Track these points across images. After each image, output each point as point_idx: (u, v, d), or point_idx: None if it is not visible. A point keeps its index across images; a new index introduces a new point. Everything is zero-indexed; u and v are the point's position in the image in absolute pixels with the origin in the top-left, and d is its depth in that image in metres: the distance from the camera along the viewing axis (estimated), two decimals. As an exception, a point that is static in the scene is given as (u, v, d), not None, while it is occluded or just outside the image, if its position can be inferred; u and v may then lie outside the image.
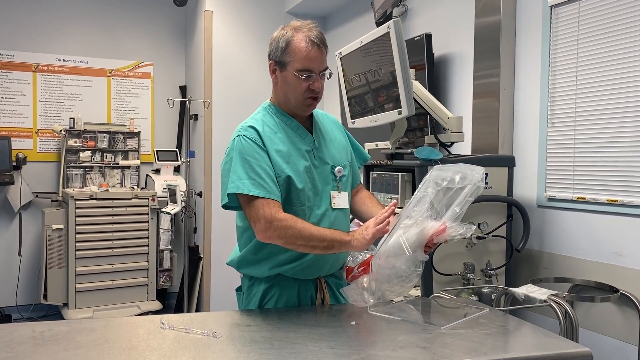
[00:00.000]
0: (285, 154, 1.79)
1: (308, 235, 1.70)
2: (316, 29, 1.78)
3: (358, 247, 1.75)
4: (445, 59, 3.22)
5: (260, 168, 1.73)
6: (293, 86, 1.78)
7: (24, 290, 4.92)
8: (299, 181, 1.77)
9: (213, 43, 4.69)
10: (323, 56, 1.78)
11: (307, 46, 1.74)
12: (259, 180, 1.72)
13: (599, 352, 2.25)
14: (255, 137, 1.77)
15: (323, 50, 1.77)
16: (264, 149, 1.76)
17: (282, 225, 1.69)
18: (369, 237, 1.74)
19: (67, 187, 4.81)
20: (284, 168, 1.76)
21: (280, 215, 1.70)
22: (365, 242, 1.74)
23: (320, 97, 1.83)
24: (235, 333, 1.56)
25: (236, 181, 1.73)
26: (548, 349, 1.46)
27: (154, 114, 5.42)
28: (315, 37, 1.75)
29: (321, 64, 1.77)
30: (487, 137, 2.80)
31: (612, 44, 2.26)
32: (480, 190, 1.69)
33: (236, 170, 1.74)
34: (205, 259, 4.73)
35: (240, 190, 1.72)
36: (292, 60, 1.75)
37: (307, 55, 1.74)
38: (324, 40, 1.79)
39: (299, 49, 1.74)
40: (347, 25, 4.55)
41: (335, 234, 1.74)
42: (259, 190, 1.71)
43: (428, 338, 1.49)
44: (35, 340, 1.46)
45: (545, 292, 2.02)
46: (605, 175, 2.29)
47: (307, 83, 1.76)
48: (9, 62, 4.89)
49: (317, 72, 1.77)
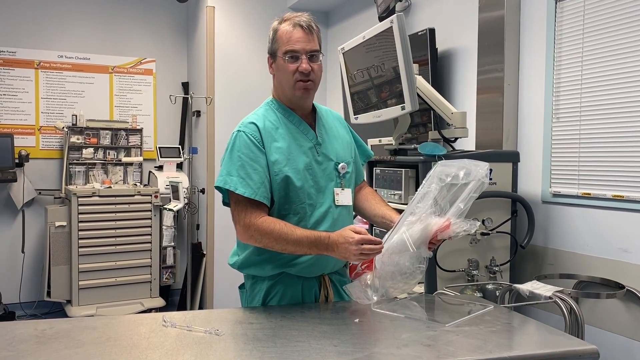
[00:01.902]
0: (286, 150, 1.77)
1: (284, 241, 1.67)
2: (305, 15, 1.78)
3: (339, 257, 1.67)
4: (449, 53, 3.20)
5: (251, 167, 1.72)
6: (283, 72, 1.77)
7: (28, 287, 4.92)
8: (297, 179, 1.76)
9: (215, 39, 4.67)
10: (308, 37, 1.76)
11: (290, 29, 1.75)
12: (247, 179, 1.71)
13: (605, 349, 2.24)
14: (255, 134, 1.76)
15: (308, 32, 1.75)
16: (261, 148, 1.75)
17: (258, 232, 1.69)
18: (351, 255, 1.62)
19: (70, 184, 4.81)
20: (282, 167, 1.75)
21: (257, 222, 1.70)
22: (346, 257, 1.65)
23: (313, 81, 1.78)
24: (238, 331, 1.54)
25: (224, 176, 1.74)
26: (553, 346, 1.44)
27: (157, 111, 5.41)
28: (300, 21, 1.75)
29: (306, 45, 1.75)
30: (492, 133, 2.78)
31: (617, 38, 2.23)
32: (485, 186, 1.68)
33: (227, 165, 1.75)
34: (208, 255, 4.73)
35: (227, 186, 1.72)
36: (279, 46, 1.77)
37: (289, 37, 1.74)
38: (311, 23, 1.77)
39: (283, 33, 1.76)
40: (350, 20, 4.53)
41: (313, 240, 1.66)
42: (244, 190, 1.70)
43: (432, 335, 1.47)
44: (37, 338, 1.45)
45: (550, 289, 2.00)
46: (611, 170, 2.27)
47: (294, 65, 1.75)
48: (11, 59, 4.88)
49: (302, 52, 1.74)
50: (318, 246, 1.66)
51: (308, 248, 1.67)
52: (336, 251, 1.64)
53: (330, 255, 1.69)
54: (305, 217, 1.77)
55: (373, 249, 1.61)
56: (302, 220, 1.77)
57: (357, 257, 1.62)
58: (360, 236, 1.61)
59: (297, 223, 1.76)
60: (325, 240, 1.65)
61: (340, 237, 1.64)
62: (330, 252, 1.66)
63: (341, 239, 1.63)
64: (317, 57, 1.78)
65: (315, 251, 1.68)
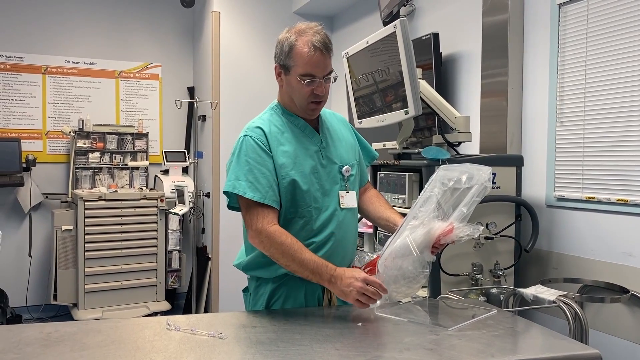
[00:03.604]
0: (292, 154, 1.78)
1: (290, 258, 1.67)
2: (320, 32, 1.75)
3: (336, 292, 1.67)
4: (453, 58, 3.21)
5: (259, 172, 1.73)
6: (297, 90, 1.77)
7: (34, 290, 4.96)
8: (304, 183, 1.77)
9: (220, 44, 4.70)
10: (326, 61, 1.75)
11: (310, 51, 1.71)
12: (255, 183, 1.72)
13: (609, 354, 2.23)
14: (261, 139, 1.77)
15: (326, 54, 1.74)
16: (268, 152, 1.76)
17: (269, 240, 1.69)
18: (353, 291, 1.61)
19: (77, 188, 4.84)
20: (288, 170, 1.76)
21: (270, 229, 1.70)
22: (344, 295, 1.63)
23: (324, 100, 1.81)
24: (241, 334, 1.55)
25: (233, 180, 1.74)
26: (557, 350, 1.44)
27: (162, 115, 5.44)
28: (318, 42, 1.72)
29: (324, 69, 1.75)
30: (495, 137, 2.78)
31: (621, 42, 2.23)
32: (488, 191, 1.68)
33: (235, 170, 1.75)
34: (214, 259, 4.74)
35: (236, 190, 1.72)
36: (295, 65, 1.74)
37: (309, 60, 1.72)
38: (328, 44, 1.75)
39: (301, 54, 1.72)
40: (354, 25, 4.54)
41: (318, 267, 1.66)
42: (253, 194, 1.71)
43: (435, 340, 1.48)
44: (43, 341, 1.46)
45: (554, 293, 1.99)
46: (615, 174, 2.27)
47: (310, 88, 1.75)
48: (19, 64, 4.93)
49: (320, 76, 1.75)
50: (321, 274, 1.66)
51: (310, 272, 1.67)
52: (338, 284, 1.63)
53: (328, 288, 1.69)
54: (311, 220, 1.78)
55: (375, 293, 1.61)
56: (308, 224, 1.78)
57: (358, 295, 1.60)
58: (368, 277, 1.63)
59: (303, 227, 1.77)
60: (332, 270, 1.66)
61: (348, 272, 1.65)
62: (330, 284, 1.65)
63: (348, 272, 1.65)
64: (330, 78, 1.79)
65: (316, 278, 1.67)
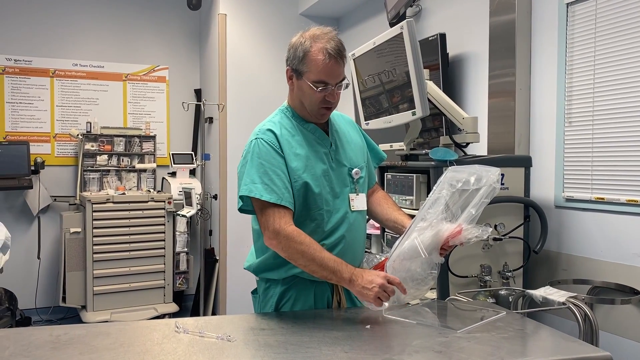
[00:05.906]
0: (304, 157, 1.78)
1: (310, 258, 1.67)
2: (335, 39, 1.74)
3: (354, 291, 1.67)
4: (460, 58, 3.20)
5: (274, 173, 1.73)
6: (308, 95, 1.77)
7: (43, 293, 4.98)
8: (316, 185, 1.77)
9: (227, 46, 4.71)
10: (340, 68, 1.75)
11: (325, 59, 1.71)
12: (271, 185, 1.71)
13: (620, 356, 2.21)
14: (273, 141, 1.77)
15: (340, 62, 1.74)
16: (280, 154, 1.76)
17: (288, 240, 1.68)
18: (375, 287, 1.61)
19: (85, 191, 4.86)
20: (301, 173, 1.76)
21: (288, 229, 1.69)
22: (363, 293, 1.63)
23: (335, 106, 1.82)
24: (250, 337, 1.55)
25: (249, 184, 1.74)
26: (567, 353, 1.43)
27: (170, 118, 5.46)
28: (332, 49, 1.71)
29: (338, 77, 1.75)
30: (503, 137, 2.77)
31: (630, 41, 2.22)
32: (496, 192, 1.67)
33: (250, 173, 1.74)
34: (221, 261, 4.75)
35: (252, 194, 1.72)
36: (309, 71, 1.73)
37: (323, 68, 1.71)
38: (342, 51, 1.75)
39: (315, 61, 1.72)
40: (361, 26, 4.54)
41: (338, 265, 1.66)
42: (270, 196, 1.70)
43: (444, 342, 1.47)
44: (52, 344, 1.47)
45: (563, 294, 1.98)
46: (625, 174, 2.25)
47: (322, 94, 1.75)
48: (27, 67, 4.96)
49: (333, 84, 1.74)
50: (342, 272, 1.65)
51: (330, 271, 1.66)
52: (359, 281, 1.63)
53: (347, 287, 1.69)
54: (322, 223, 1.78)
55: (393, 292, 1.62)
56: (320, 227, 1.78)
57: (380, 293, 1.60)
58: (389, 275, 1.64)
59: (315, 229, 1.77)
60: (351, 269, 1.66)
61: (367, 271, 1.66)
62: (350, 283, 1.65)
63: (368, 271, 1.66)
64: (342, 85, 1.78)
65: (336, 277, 1.67)
